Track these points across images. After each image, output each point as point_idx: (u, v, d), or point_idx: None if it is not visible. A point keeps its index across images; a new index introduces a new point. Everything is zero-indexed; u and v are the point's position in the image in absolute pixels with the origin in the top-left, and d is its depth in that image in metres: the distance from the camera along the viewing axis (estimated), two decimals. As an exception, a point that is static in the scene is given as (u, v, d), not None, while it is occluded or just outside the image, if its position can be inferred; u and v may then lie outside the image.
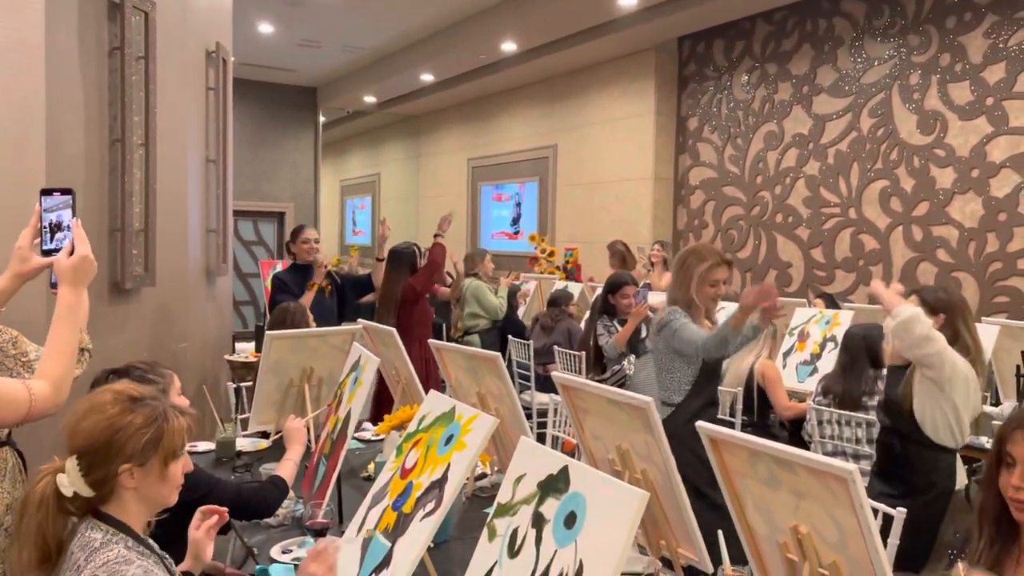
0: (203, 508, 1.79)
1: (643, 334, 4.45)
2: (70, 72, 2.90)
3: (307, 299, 4.57)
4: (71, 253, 1.73)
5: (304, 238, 4.89)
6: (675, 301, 3.16)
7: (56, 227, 1.80)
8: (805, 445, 3.67)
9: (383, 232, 5.11)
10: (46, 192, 1.82)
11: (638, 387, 4.40)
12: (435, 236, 5.02)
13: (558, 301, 5.99)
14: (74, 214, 1.80)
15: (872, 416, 3.42)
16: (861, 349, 3.58)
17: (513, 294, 6.47)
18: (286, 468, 2.35)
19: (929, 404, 2.54)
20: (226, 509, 1.81)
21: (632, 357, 4.49)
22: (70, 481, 1.41)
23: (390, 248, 5.01)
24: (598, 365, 4.66)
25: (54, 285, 1.98)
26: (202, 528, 1.76)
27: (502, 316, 6.06)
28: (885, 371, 3.54)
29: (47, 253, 1.80)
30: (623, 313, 4.54)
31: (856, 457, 3.47)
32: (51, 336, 1.70)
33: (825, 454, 3.52)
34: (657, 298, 4.61)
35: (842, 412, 3.52)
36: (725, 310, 3.97)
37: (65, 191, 1.82)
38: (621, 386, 4.40)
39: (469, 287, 6.03)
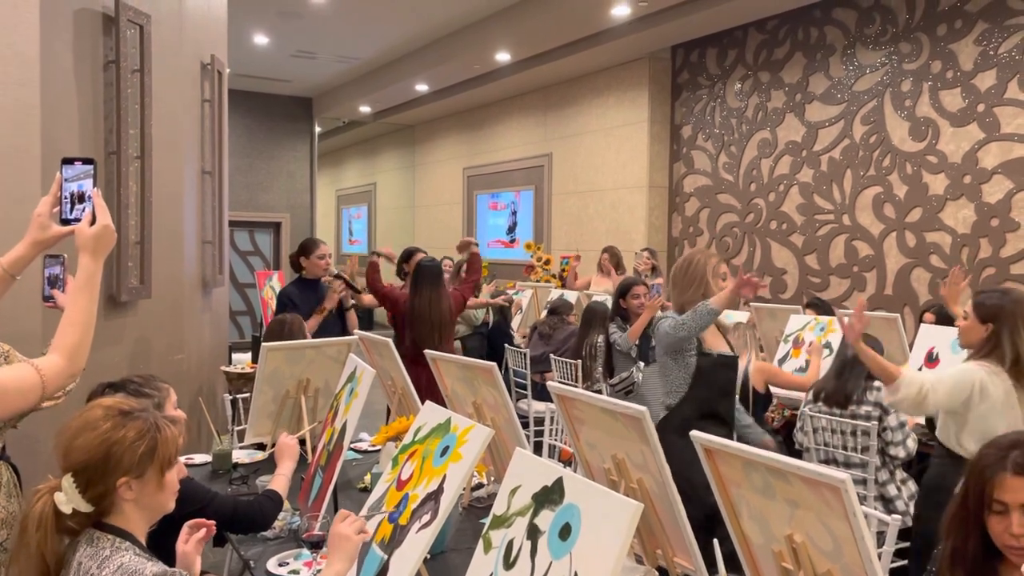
0: (190, 522, 1.80)
1: (653, 341, 4.50)
2: (66, 85, 2.91)
3: (314, 323, 4.31)
4: (92, 222, 1.74)
5: (320, 254, 4.62)
6: (684, 306, 3.12)
7: (78, 198, 1.80)
8: (797, 452, 3.67)
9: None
10: (67, 161, 1.81)
11: (646, 394, 4.44)
12: (475, 246, 4.65)
13: (558, 310, 6.00)
14: (95, 184, 1.80)
15: (866, 424, 3.42)
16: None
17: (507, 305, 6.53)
18: (278, 483, 2.36)
19: (950, 421, 2.66)
20: (213, 523, 1.82)
21: (641, 364, 4.53)
22: (68, 499, 1.41)
23: (417, 263, 4.51)
24: (607, 370, 4.70)
25: (47, 299, 1.98)
26: (191, 542, 1.77)
27: (479, 323, 6.11)
28: (876, 382, 3.55)
29: (66, 223, 1.80)
30: (635, 315, 4.59)
31: (847, 465, 3.47)
32: (69, 305, 1.72)
33: (817, 462, 3.53)
34: None
35: (831, 417, 3.51)
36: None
37: (87, 160, 1.81)
38: (628, 393, 4.43)
39: None
